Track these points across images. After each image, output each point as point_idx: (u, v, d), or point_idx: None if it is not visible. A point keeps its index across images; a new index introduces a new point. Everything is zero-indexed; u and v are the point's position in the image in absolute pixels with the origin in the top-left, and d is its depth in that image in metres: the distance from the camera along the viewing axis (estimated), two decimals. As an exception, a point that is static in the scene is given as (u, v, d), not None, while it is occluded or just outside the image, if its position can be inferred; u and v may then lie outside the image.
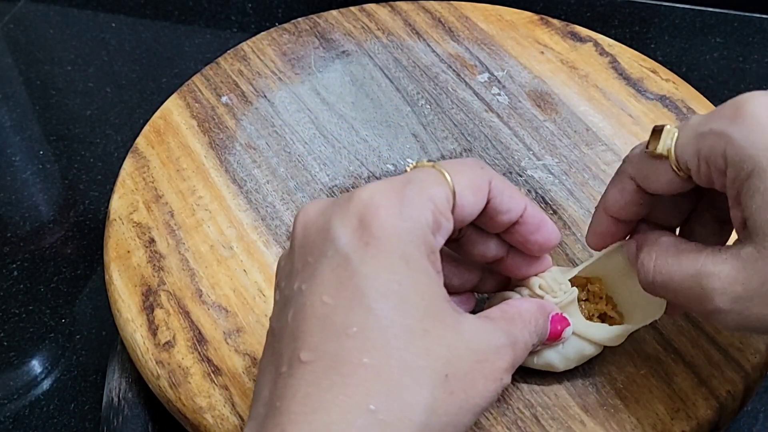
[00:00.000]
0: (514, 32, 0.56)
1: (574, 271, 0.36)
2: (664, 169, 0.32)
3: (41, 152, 0.64)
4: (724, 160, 0.29)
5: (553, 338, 0.34)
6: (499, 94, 0.51)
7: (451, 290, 0.36)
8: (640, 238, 0.34)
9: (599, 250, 0.37)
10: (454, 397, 0.27)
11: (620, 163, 0.46)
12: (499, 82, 0.52)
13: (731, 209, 0.30)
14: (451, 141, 0.49)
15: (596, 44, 0.54)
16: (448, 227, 0.30)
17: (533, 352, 0.35)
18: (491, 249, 0.35)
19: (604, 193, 0.35)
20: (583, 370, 0.37)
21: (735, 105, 0.30)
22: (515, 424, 0.35)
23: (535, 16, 0.57)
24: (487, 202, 0.32)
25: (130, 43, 0.73)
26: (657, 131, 0.31)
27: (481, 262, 0.36)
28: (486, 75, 0.53)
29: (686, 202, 0.35)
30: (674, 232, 0.36)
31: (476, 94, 0.51)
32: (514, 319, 0.31)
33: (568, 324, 0.34)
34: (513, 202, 0.32)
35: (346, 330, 0.27)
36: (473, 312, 0.35)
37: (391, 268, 0.27)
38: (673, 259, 0.31)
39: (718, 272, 0.29)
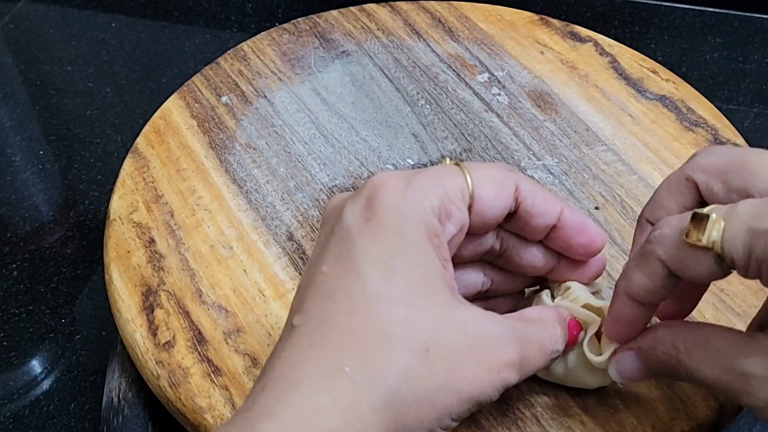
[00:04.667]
0: (514, 32, 0.56)
1: (594, 301, 0.35)
2: (705, 261, 0.28)
3: (41, 152, 0.64)
4: None
5: (571, 343, 0.33)
6: (499, 94, 0.51)
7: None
8: (655, 338, 0.32)
9: (621, 342, 0.33)
10: (433, 373, 0.27)
11: (620, 163, 0.46)
12: (499, 82, 0.52)
13: None
14: (451, 141, 0.49)
15: (596, 44, 0.54)
16: (459, 216, 0.30)
17: (560, 368, 0.35)
18: (539, 259, 0.34)
19: (628, 276, 0.31)
20: (583, 370, 0.37)
21: None
22: (515, 424, 0.35)
23: (535, 16, 0.57)
24: (519, 206, 0.32)
25: (130, 43, 0.73)
26: (699, 219, 0.28)
27: (533, 275, 0.35)
28: (486, 75, 0.53)
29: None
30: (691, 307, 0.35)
31: (476, 94, 0.51)
32: (533, 321, 0.31)
33: (581, 328, 0.34)
34: (547, 205, 0.32)
35: (334, 295, 0.28)
36: None
37: (384, 241, 0.28)
38: (704, 353, 0.29)
39: (755, 370, 0.28)
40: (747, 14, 0.72)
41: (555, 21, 0.56)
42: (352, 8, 0.58)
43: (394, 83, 0.52)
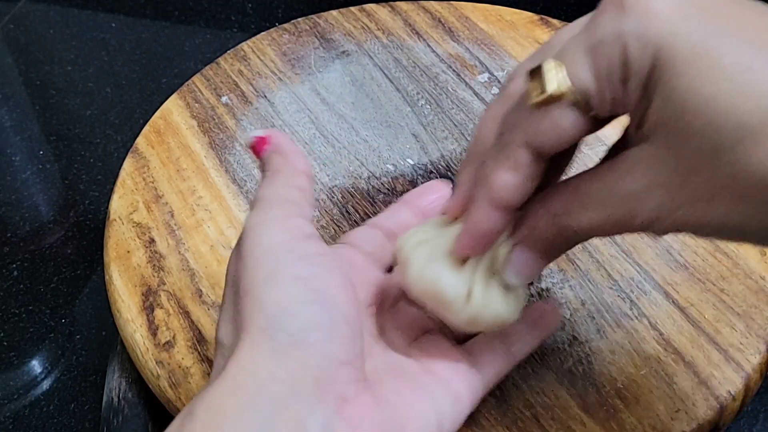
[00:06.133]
0: (514, 32, 0.56)
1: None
2: (564, 113, 0.26)
3: (41, 152, 0.65)
4: (624, 67, 0.24)
5: (257, 152, 0.35)
6: (499, 94, 0.51)
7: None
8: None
9: (474, 254, 0.30)
10: (291, 359, 0.27)
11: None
12: (499, 82, 0.52)
13: (629, 127, 0.26)
14: (451, 141, 0.49)
15: (596, 44, 0.54)
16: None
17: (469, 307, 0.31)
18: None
19: (490, 181, 0.28)
20: (583, 370, 0.37)
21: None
22: (515, 424, 0.35)
23: (535, 16, 0.57)
24: None
25: (130, 43, 0.73)
26: (536, 72, 0.26)
27: None
28: (486, 75, 0.53)
29: (567, 158, 0.31)
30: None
31: (476, 94, 0.51)
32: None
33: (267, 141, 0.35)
34: None
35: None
36: None
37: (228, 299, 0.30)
38: (581, 202, 0.27)
39: (633, 186, 0.25)
40: (747, 14, 0.72)
41: (555, 21, 0.56)
42: (352, 8, 0.58)
43: (394, 83, 0.52)
